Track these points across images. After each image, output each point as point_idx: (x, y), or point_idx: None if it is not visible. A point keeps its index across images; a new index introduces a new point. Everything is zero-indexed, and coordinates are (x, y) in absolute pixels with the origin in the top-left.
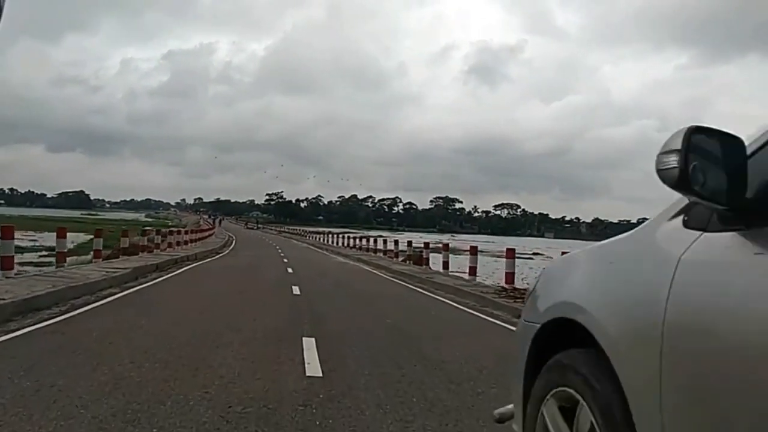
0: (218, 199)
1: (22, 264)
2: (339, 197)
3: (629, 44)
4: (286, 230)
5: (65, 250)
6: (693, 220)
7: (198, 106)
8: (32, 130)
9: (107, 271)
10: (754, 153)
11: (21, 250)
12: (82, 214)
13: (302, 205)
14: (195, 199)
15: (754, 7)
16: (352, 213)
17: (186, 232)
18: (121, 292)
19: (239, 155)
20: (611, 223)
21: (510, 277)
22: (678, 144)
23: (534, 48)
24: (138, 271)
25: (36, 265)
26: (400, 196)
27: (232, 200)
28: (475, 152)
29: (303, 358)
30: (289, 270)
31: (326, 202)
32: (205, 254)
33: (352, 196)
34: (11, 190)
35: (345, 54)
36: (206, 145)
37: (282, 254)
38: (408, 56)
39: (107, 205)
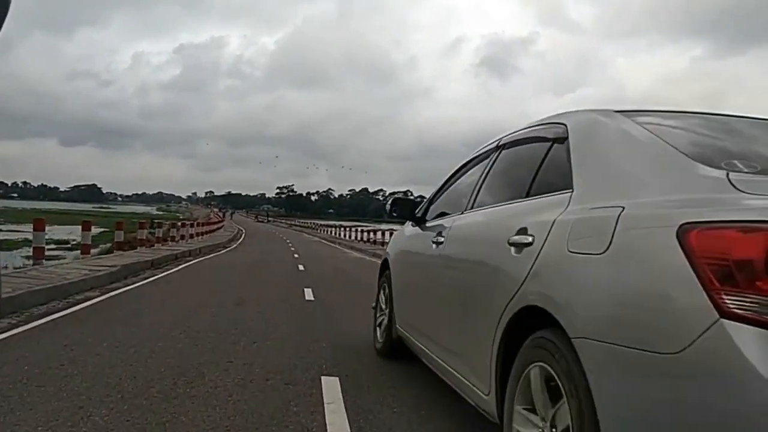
0: (229, 192)
1: (28, 258)
2: (350, 190)
3: (643, 36)
4: (297, 223)
5: (43, 245)
6: (413, 222)
7: (209, 99)
8: (45, 124)
9: (91, 270)
10: (427, 201)
11: (29, 243)
12: (94, 207)
13: (313, 198)
14: (206, 193)
15: None
16: (363, 206)
17: (192, 225)
18: (100, 296)
19: (251, 149)
20: None
21: None
22: (389, 202)
23: (546, 40)
24: (128, 269)
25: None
26: (411, 190)
27: (243, 193)
28: None
29: (325, 426)
30: (300, 267)
31: (337, 196)
32: (211, 249)
33: (362, 189)
34: (24, 183)
35: (355, 48)
36: (217, 138)
37: (292, 248)
38: (419, 49)
39: (119, 199)
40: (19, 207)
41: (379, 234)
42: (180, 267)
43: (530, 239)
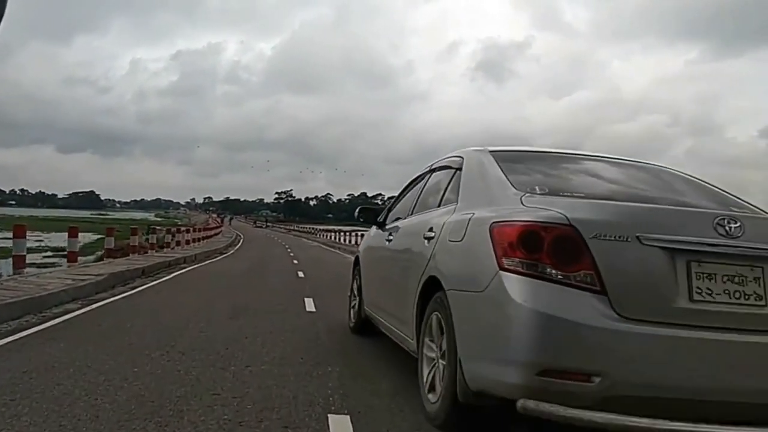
0: (228, 198)
1: (27, 264)
2: (348, 195)
3: (639, 39)
4: (296, 228)
5: (24, 253)
6: (378, 227)
7: (207, 105)
8: (43, 130)
9: (74, 279)
10: (386, 210)
11: (27, 250)
12: (92, 214)
13: (311, 203)
14: (205, 198)
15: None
16: None
17: (187, 231)
18: (81, 308)
19: (249, 154)
20: None
21: None
22: (357, 210)
23: (542, 44)
24: (116, 277)
25: (38, 266)
26: None
27: (242, 199)
28: None
29: None
30: (300, 274)
31: (335, 200)
32: (207, 255)
33: (361, 194)
34: (22, 190)
35: (352, 52)
36: (215, 144)
37: (291, 254)
38: (415, 54)
39: (118, 205)
40: (16, 214)
41: None
42: (173, 275)
43: (433, 234)
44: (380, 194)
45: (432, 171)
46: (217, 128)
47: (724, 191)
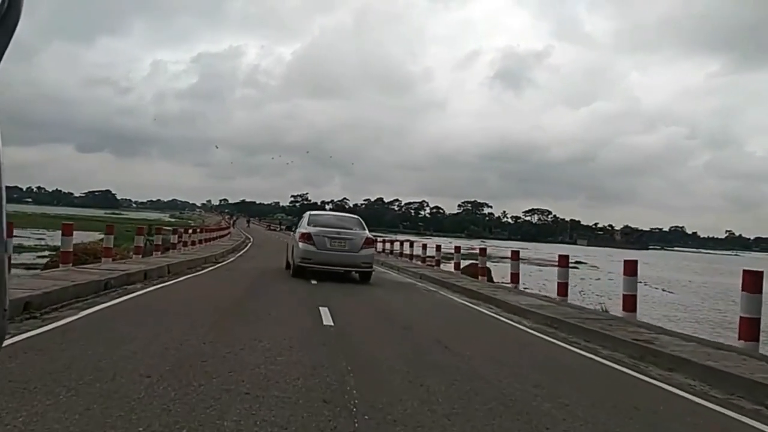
0: (243, 200)
1: (14, 266)
2: (365, 200)
3: (659, 51)
4: None
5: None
6: (292, 233)
7: (225, 108)
8: (62, 130)
9: None
10: (294, 227)
11: (22, 249)
12: (105, 213)
13: (327, 207)
14: (220, 200)
15: None
16: (378, 216)
17: (176, 232)
18: None
19: (265, 158)
20: (644, 231)
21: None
22: (285, 227)
23: (561, 54)
24: None
25: (27, 267)
26: (426, 200)
27: (258, 202)
28: (500, 158)
29: None
30: (326, 317)
31: (351, 205)
32: (190, 265)
33: (378, 199)
34: (39, 188)
35: (371, 59)
36: (232, 147)
37: None
38: (434, 61)
39: (134, 205)
40: (29, 212)
41: (396, 245)
42: (83, 314)
43: (296, 233)
44: (397, 200)
45: (302, 215)
46: (235, 131)
47: (360, 221)
